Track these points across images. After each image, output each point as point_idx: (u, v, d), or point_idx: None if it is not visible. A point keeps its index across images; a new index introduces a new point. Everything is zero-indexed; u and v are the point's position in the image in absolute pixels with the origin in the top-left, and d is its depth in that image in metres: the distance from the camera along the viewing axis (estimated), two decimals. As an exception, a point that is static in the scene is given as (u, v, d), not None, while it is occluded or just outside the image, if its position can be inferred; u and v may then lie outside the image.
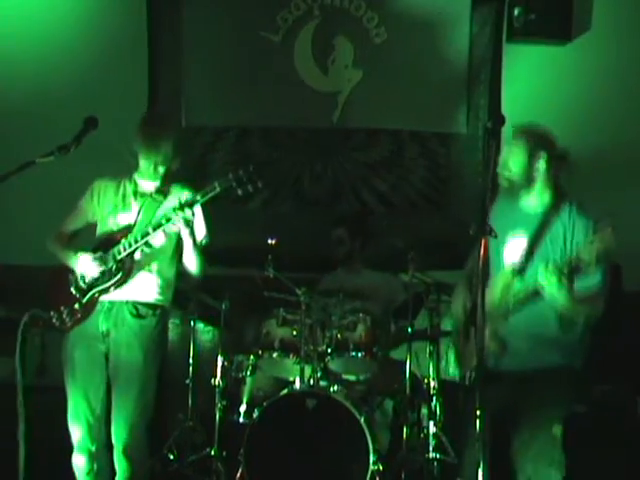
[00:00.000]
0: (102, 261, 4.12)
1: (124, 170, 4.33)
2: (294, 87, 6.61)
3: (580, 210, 3.75)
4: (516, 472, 3.71)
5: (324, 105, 6.62)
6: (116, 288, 4.13)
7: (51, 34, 6.48)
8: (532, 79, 6.42)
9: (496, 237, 3.60)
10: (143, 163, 4.19)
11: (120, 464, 4.12)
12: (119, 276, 4.11)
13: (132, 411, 4.09)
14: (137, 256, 4.16)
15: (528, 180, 3.79)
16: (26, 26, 6.49)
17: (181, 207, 3.99)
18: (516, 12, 6.28)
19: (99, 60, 6.41)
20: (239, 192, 4.01)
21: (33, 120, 6.27)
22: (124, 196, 4.27)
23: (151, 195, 4.24)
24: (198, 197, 4.04)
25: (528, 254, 3.76)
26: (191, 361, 5.55)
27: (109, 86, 6.35)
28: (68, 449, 4.19)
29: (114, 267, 4.12)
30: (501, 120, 3.62)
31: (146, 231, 4.07)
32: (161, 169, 4.18)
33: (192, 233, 4.11)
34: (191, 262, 4.23)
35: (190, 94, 6.56)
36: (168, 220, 4.02)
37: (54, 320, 4.17)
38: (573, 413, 4.71)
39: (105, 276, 4.12)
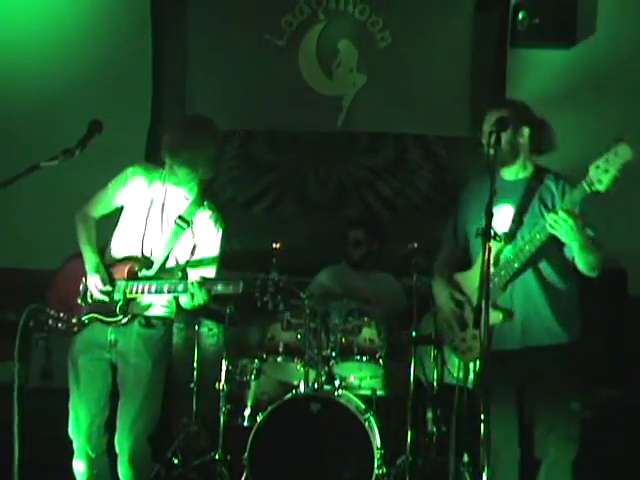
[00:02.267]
0: (111, 290, 4.06)
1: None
2: (299, 91, 6.62)
3: (563, 177, 3.86)
4: (535, 446, 3.87)
5: (329, 109, 6.62)
6: (115, 326, 4.09)
7: (55, 38, 6.49)
8: (536, 83, 6.41)
9: (500, 241, 3.63)
10: (182, 174, 4.06)
11: (125, 473, 4.11)
12: (118, 318, 4.05)
13: (137, 417, 4.07)
14: (143, 299, 4.12)
15: (514, 154, 3.91)
16: (30, 30, 6.50)
17: (199, 285, 3.91)
18: (520, 16, 6.27)
19: (103, 64, 6.42)
20: (257, 302, 3.88)
21: (38, 124, 6.28)
22: (152, 202, 4.14)
23: (175, 220, 4.11)
24: (219, 287, 3.95)
25: (517, 220, 3.82)
26: (195, 365, 5.56)
27: (113, 90, 6.36)
28: (72, 451, 4.19)
29: (119, 305, 4.04)
30: (504, 124, 3.65)
31: (161, 288, 4.00)
32: (180, 172, 4.03)
33: (192, 305, 4.04)
34: (185, 304, 4.15)
35: (194, 98, 6.57)
36: (184, 291, 3.97)
37: (50, 321, 4.15)
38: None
39: (109, 307, 4.06)
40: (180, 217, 4.12)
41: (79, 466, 4.14)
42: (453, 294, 4.09)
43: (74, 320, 4.12)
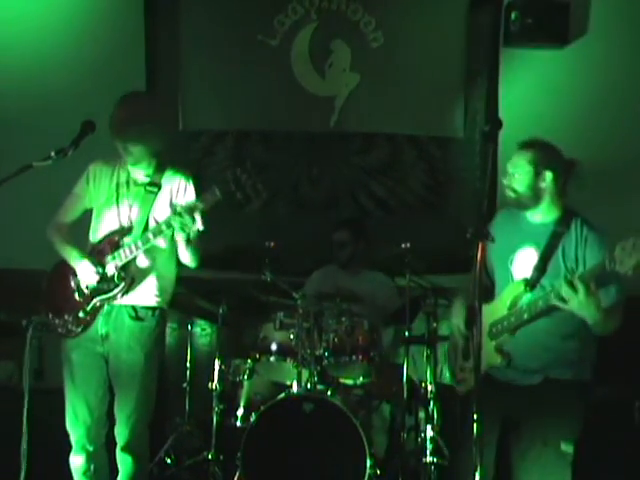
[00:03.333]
0: (103, 269, 4.09)
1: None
2: (291, 91, 6.61)
3: (590, 225, 3.68)
4: None
5: (321, 109, 6.62)
6: (120, 297, 4.11)
7: (48, 38, 6.48)
8: (529, 83, 6.43)
9: (493, 241, 3.59)
10: (136, 154, 4.10)
11: (123, 461, 4.14)
12: (121, 286, 4.08)
13: (134, 409, 4.11)
14: (138, 261, 4.14)
15: (535, 199, 3.74)
16: (23, 30, 6.48)
17: (180, 213, 3.93)
18: (513, 16, 6.27)
19: (96, 64, 6.41)
20: (238, 195, 3.93)
21: (30, 124, 6.26)
22: (117, 185, 4.21)
23: (145, 187, 4.18)
24: (199, 204, 3.95)
25: (540, 268, 3.68)
26: (188, 365, 5.55)
27: (106, 90, 6.32)
28: (65, 451, 4.20)
29: (115, 275, 4.08)
30: (498, 124, 3.61)
31: (146, 237, 4.05)
32: (135, 149, 4.06)
33: (187, 236, 4.02)
34: (185, 257, 4.17)
35: (188, 98, 6.56)
36: (169, 227, 3.99)
37: (59, 329, 4.16)
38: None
39: (106, 284, 4.10)
40: (148, 183, 4.18)
41: (77, 461, 4.16)
42: (467, 319, 3.93)
43: (81, 315, 4.12)
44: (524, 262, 3.74)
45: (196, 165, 6.48)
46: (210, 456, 5.14)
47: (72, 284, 4.18)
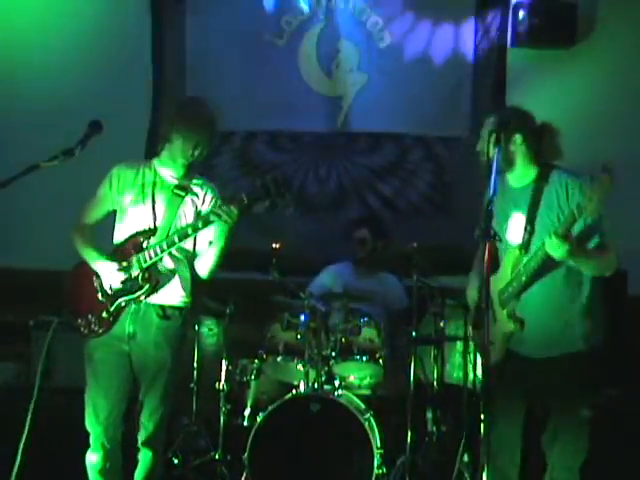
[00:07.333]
0: (127, 270, 4.06)
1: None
2: (298, 91, 6.62)
3: (569, 173, 3.78)
4: (546, 457, 3.84)
5: (328, 109, 6.63)
6: (144, 298, 4.09)
7: (56, 39, 6.52)
8: (536, 83, 6.42)
9: (500, 241, 3.61)
10: (177, 146, 4.09)
11: (144, 455, 4.17)
12: (146, 287, 4.05)
13: (159, 405, 4.14)
14: (164, 262, 4.11)
15: (507, 161, 3.83)
16: (30, 31, 6.52)
17: (225, 204, 3.92)
18: (520, 16, 6.28)
19: (103, 64, 6.44)
20: (266, 204, 3.91)
21: (38, 124, 6.29)
22: (143, 185, 4.16)
23: (172, 190, 4.14)
24: (232, 208, 3.91)
25: (529, 228, 3.79)
26: (195, 365, 5.55)
27: (114, 90, 6.37)
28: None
29: (140, 276, 4.05)
30: (505, 124, 3.64)
31: (172, 240, 4.02)
32: (188, 158, 4.10)
33: (230, 228, 4.00)
34: (207, 264, 4.17)
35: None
36: (216, 216, 3.94)
37: (82, 329, 4.15)
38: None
39: (131, 285, 4.07)
40: (176, 186, 4.15)
41: (93, 458, 4.16)
42: (480, 287, 4.00)
43: (104, 315, 4.11)
44: (516, 228, 3.84)
45: (202, 165, 6.47)
46: (217, 456, 5.14)
47: (95, 285, 4.15)
